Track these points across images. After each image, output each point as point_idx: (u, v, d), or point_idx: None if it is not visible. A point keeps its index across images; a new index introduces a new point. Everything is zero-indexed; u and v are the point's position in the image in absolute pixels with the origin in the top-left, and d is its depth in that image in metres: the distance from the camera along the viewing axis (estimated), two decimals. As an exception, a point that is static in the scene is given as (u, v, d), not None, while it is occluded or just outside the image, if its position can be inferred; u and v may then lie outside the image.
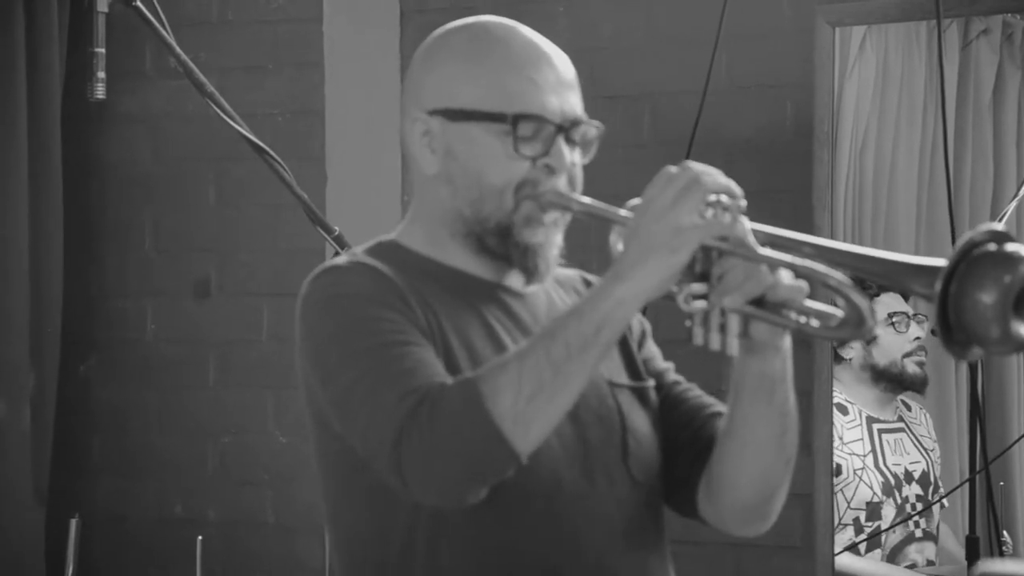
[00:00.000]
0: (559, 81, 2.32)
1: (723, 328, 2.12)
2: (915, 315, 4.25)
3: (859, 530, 4.20)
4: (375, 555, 2.28)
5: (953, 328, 1.94)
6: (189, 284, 4.93)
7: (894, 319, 4.21)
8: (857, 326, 2.07)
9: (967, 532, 3.94)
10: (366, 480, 2.22)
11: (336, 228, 3.71)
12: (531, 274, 2.33)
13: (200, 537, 3.78)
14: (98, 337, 5.05)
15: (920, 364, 4.31)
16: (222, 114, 3.66)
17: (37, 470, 4.82)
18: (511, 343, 2.26)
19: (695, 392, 2.44)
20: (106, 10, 3.61)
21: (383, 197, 4.68)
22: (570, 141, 2.31)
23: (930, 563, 4.23)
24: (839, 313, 2.08)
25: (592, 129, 2.33)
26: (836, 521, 4.10)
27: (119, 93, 3.71)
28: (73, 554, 3.75)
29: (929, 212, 4.23)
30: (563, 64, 2.34)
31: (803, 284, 2.10)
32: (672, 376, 2.46)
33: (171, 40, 3.67)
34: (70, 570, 3.76)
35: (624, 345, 2.41)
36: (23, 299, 4.78)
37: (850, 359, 4.30)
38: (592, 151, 2.35)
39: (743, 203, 2.11)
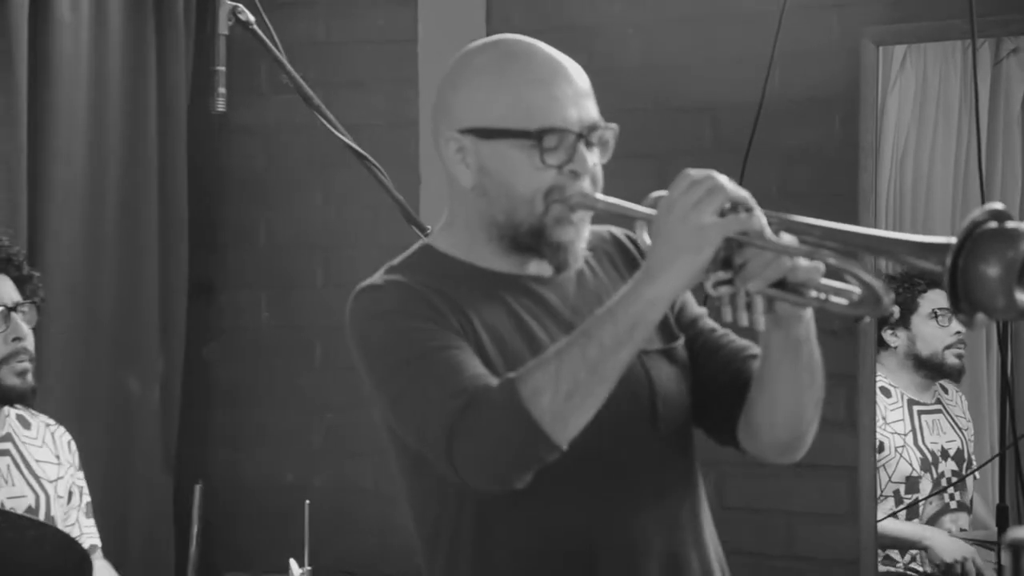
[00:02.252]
0: (576, 92, 2.30)
1: (749, 307, 2.12)
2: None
3: (899, 501, 4.18)
4: (436, 531, 2.31)
5: (961, 299, 1.94)
6: (299, 277, 4.96)
7: (938, 314, 4.18)
8: (875, 304, 2.07)
9: (997, 502, 3.91)
10: (424, 468, 2.24)
11: (428, 226, 3.71)
12: (561, 267, 2.33)
13: (308, 502, 3.78)
14: (218, 324, 5.09)
15: (959, 356, 4.27)
16: (328, 125, 3.67)
17: (165, 442, 4.87)
18: (538, 328, 2.27)
19: (731, 337, 2.41)
20: (226, 32, 3.62)
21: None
22: (589, 145, 2.29)
23: (963, 531, 4.20)
24: (857, 291, 2.08)
25: (608, 131, 2.32)
26: (878, 493, 4.07)
27: (237, 106, 3.72)
28: (197, 517, 3.77)
29: (963, 214, 4.20)
30: (578, 75, 2.32)
31: (819, 265, 2.09)
32: (707, 323, 2.43)
33: (283, 59, 3.69)
34: (195, 531, 3.78)
35: None
36: (153, 291, 4.82)
37: (895, 347, 4.27)
38: (610, 149, 2.34)
39: (756, 209, 2.10)
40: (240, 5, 3.64)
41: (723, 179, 2.09)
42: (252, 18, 3.64)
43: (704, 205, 2.06)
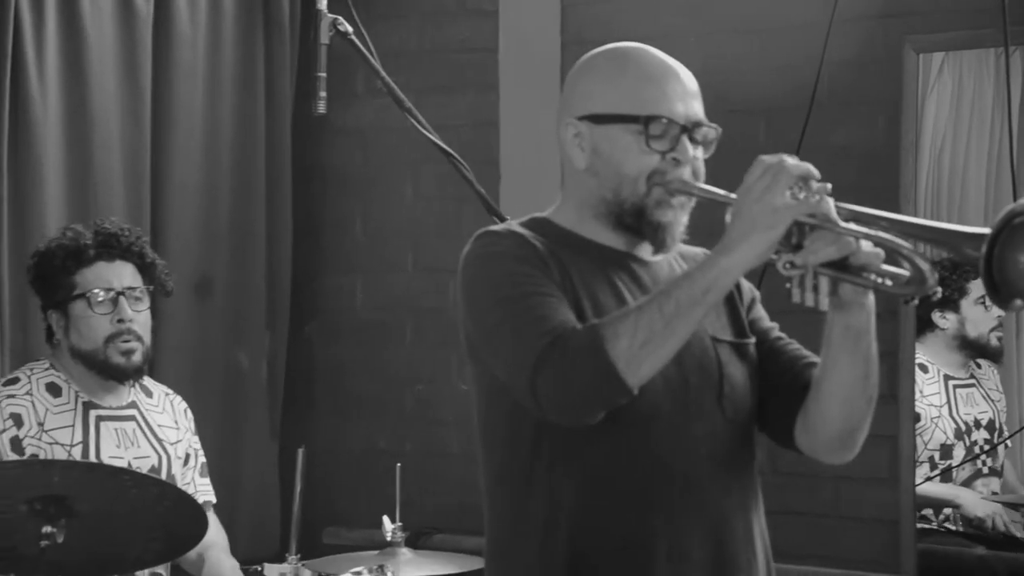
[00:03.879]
0: (684, 91, 2.34)
1: (815, 288, 2.12)
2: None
3: (934, 467, 4.16)
4: (510, 460, 2.33)
5: (997, 283, 1.94)
6: (391, 263, 4.96)
7: (984, 299, 4.15)
8: (921, 283, 2.07)
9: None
10: (506, 403, 2.28)
11: (508, 217, 3.72)
12: (660, 246, 2.35)
13: (399, 465, 3.80)
14: (319, 305, 5.10)
15: (999, 338, 4.25)
16: (418, 126, 3.69)
17: (272, 411, 4.90)
18: (632, 300, 2.28)
19: (795, 346, 2.44)
20: (327, 42, 3.64)
21: (545, 191, 4.67)
22: (693, 140, 2.32)
23: (995, 493, 4.18)
24: (906, 273, 2.08)
25: (712, 131, 2.35)
26: (916, 459, 4.06)
27: (336, 109, 3.74)
28: (300, 478, 3.80)
29: (996, 207, 4.17)
30: (688, 78, 2.36)
31: (880, 252, 2.09)
32: (776, 333, 2.45)
33: (378, 66, 3.70)
34: (297, 490, 3.81)
35: (733, 308, 2.42)
36: (260, 276, 4.85)
37: (945, 328, 4.25)
38: (712, 148, 2.37)
39: (828, 186, 2.12)
40: (340, 17, 3.66)
41: (790, 162, 2.12)
42: (350, 29, 3.67)
43: (775, 187, 2.10)
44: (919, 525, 4.05)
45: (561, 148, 2.41)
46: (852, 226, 2.09)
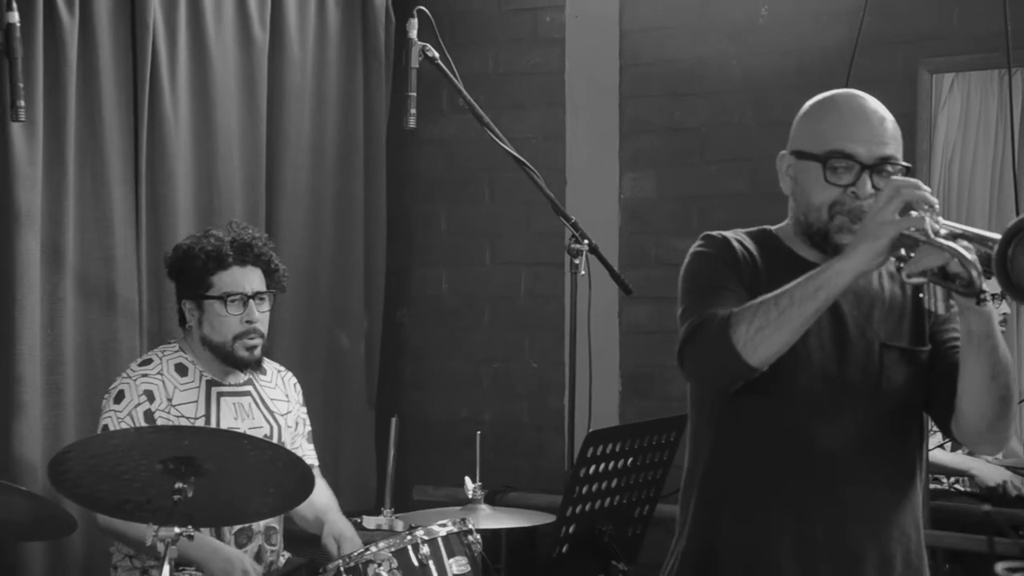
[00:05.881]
0: (871, 134, 2.36)
1: (934, 294, 2.15)
2: (1004, 296, 4.15)
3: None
4: (695, 417, 2.50)
5: (1012, 281, 1.96)
6: (471, 257, 4.96)
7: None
8: (969, 286, 2.08)
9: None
10: None
11: (573, 217, 3.75)
12: None
13: (479, 432, 3.81)
14: (409, 293, 5.11)
15: (1002, 333, 4.21)
16: (495, 138, 3.72)
17: (368, 385, 4.91)
18: None
19: (954, 335, 2.42)
20: (417, 66, 3.67)
21: (603, 196, 4.69)
22: (878, 176, 2.34)
23: (996, 458, 4.15)
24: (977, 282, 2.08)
25: (898, 168, 2.36)
26: (928, 428, 4.03)
27: (424, 123, 3.77)
28: (393, 443, 3.81)
29: (999, 210, 4.12)
30: (879, 122, 2.38)
31: (974, 258, 2.08)
32: (951, 339, 2.43)
33: (461, 86, 3.74)
34: (391, 454, 3.82)
35: (919, 318, 2.44)
36: (359, 268, 4.86)
37: None
38: None
39: (936, 206, 2.15)
40: (428, 45, 3.69)
41: (907, 187, 2.17)
42: (437, 55, 3.70)
43: (889, 206, 2.15)
44: (932, 486, 4.03)
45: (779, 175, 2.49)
46: (944, 241, 2.09)
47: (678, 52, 4.55)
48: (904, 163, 2.36)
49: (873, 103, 2.39)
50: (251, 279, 3.57)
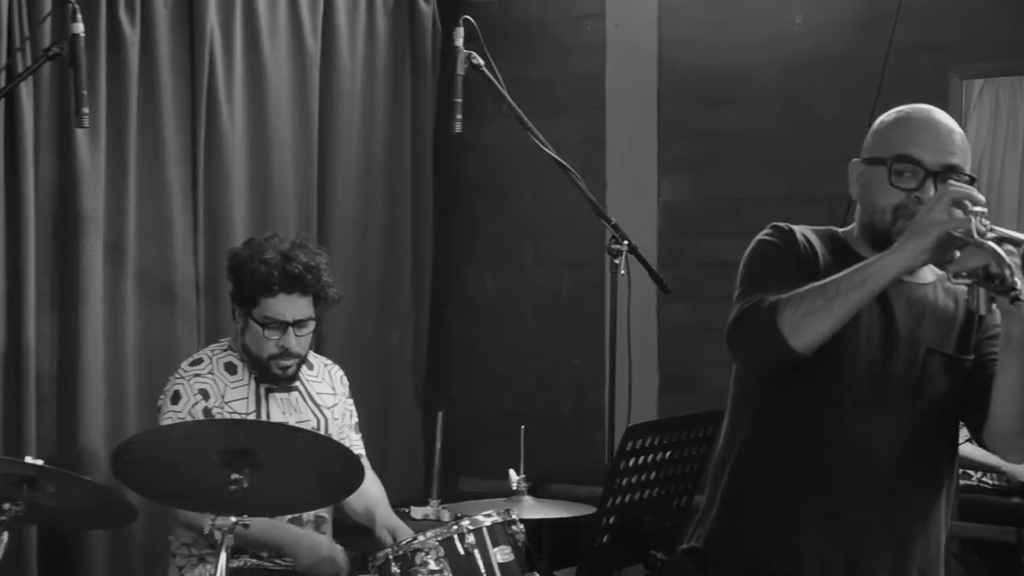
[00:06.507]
0: (938, 143, 2.34)
1: (977, 295, 2.13)
2: None
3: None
4: (736, 396, 2.52)
5: None
6: (515, 257, 4.96)
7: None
8: (1002, 284, 2.07)
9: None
10: None
11: (613, 219, 3.73)
12: None
13: (523, 426, 3.82)
14: (455, 292, 5.11)
15: None
16: (538, 142, 3.71)
17: (416, 380, 4.93)
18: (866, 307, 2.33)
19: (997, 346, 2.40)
20: (463, 73, 3.66)
21: (642, 198, 4.68)
22: (941, 184, 2.31)
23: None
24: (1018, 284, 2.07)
25: (963, 178, 2.33)
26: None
27: (470, 128, 3.75)
28: (440, 436, 3.83)
29: (1026, 210, 4.13)
30: (948, 133, 2.36)
31: (1014, 262, 2.09)
32: (993, 351, 2.41)
33: (505, 92, 3.73)
34: (438, 447, 3.83)
35: (967, 327, 2.43)
36: (407, 269, 4.87)
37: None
38: None
39: (983, 208, 2.15)
40: (473, 52, 3.69)
41: (956, 190, 2.17)
42: (482, 62, 3.69)
43: (938, 206, 2.15)
44: (961, 482, 3.98)
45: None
46: (987, 243, 2.09)
47: (714, 59, 4.54)
48: (970, 174, 2.34)
49: (943, 116, 2.39)
50: (295, 307, 3.51)
